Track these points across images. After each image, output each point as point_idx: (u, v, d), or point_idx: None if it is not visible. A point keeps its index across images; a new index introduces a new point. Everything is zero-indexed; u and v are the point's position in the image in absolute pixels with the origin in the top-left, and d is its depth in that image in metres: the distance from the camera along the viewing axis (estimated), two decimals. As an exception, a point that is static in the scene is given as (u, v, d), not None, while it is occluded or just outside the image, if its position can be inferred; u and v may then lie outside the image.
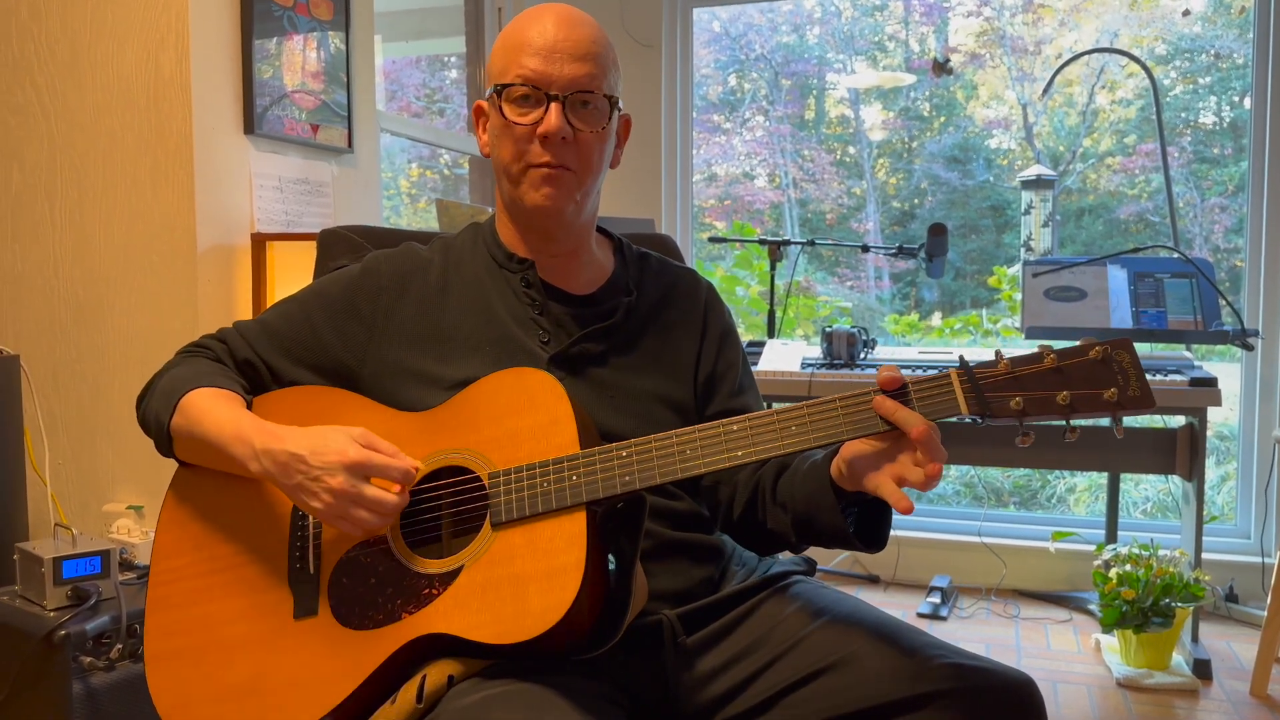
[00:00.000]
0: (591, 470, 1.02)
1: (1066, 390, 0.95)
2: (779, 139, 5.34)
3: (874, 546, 1.09)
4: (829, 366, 2.81)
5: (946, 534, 3.48)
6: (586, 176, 1.19)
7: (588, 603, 0.98)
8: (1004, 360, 0.97)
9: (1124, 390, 0.94)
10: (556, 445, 1.05)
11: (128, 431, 2.28)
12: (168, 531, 1.16)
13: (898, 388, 0.98)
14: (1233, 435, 3.71)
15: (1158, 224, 4.51)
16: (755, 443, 1.01)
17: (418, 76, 5.46)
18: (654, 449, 1.03)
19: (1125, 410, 0.94)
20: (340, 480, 1.01)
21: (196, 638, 1.10)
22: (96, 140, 2.28)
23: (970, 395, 0.97)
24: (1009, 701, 1.01)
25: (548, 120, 1.14)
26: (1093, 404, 0.94)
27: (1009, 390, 0.96)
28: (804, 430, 1.00)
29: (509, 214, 1.25)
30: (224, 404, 1.12)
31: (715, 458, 1.01)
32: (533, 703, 0.94)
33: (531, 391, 1.08)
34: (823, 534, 1.10)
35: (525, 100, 1.16)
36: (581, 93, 1.16)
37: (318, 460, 1.02)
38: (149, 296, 2.26)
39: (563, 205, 1.19)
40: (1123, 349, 0.95)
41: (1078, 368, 0.96)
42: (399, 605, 1.03)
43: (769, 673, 1.10)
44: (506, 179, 1.21)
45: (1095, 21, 4.57)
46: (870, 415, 0.98)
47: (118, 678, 1.73)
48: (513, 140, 1.17)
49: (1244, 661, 2.69)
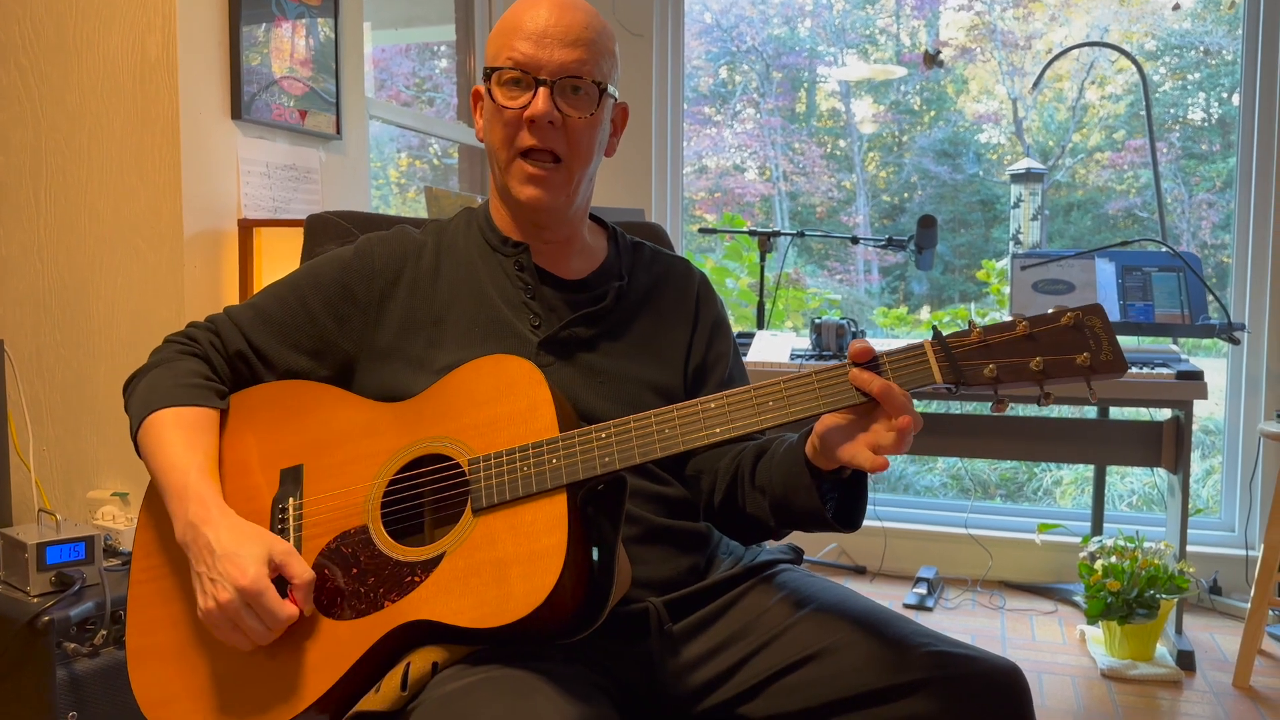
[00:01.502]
0: (571, 452, 1.02)
1: (1039, 356, 0.95)
2: (770, 131, 5.34)
3: (849, 527, 1.09)
4: (818, 358, 2.81)
5: (933, 525, 3.50)
6: (575, 164, 1.19)
7: (570, 585, 0.98)
8: (977, 329, 0.98)
9: (1096, 354, 0.94)
10: (536, 430, 1.05)
11: (112, 417, 2.27)
12: (147, 528, 1.16)
13: (869, 359, 0.99)
14: (1218, 429, 3.73)
15: (1146, 219, 4.53)
16: (733, 419, 1.01)
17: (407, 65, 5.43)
18: (633, 429, 1.03)
19: (1098, 374, 0.95)
20: (227, 596, 1.00)
21: (177, 633, 1.09)
22: (82, 124, 2.26)
23: (944, 364, 0.97)
24: (995, 689, 1.01)
25: (535, 104, 1.15)
26: (1065, 369, 0.95)
27: (982, 358, 0.97)
28: (781, 405, 1.00)
29: (501, 199, 1.25)
30: (183, 440, 1.11)
31: (693, 435, 1.01)
32: (518, 689, 0.94)
33: (510, 378, 1.08)
34: (800, 516, 1.10)
35: (516, 85, 1.16)
36: (571, 78, 1.16)
37: (220, 566, 1.01)
38: (135, 282, 2.24)
39: (552, 201, 1.19)
40: (1094, 314, 0.95)
41: (1050, 334, 0.96)
42: (381, 594, 1.03)
43: (755, 660, 1.10)
44: (497, 166, 1.21)
45: (1085, 16, 4.57)
46: (846, 388, 0.98)
47: (102, 664, 1.72)
48: (502, 124, 1.18)
49: (1227, 653, 2.71)
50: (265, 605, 1.00)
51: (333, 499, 1.10)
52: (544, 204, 1.19)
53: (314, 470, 1.12)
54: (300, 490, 1.12)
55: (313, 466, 1.13)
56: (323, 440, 1.14)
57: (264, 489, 1.13)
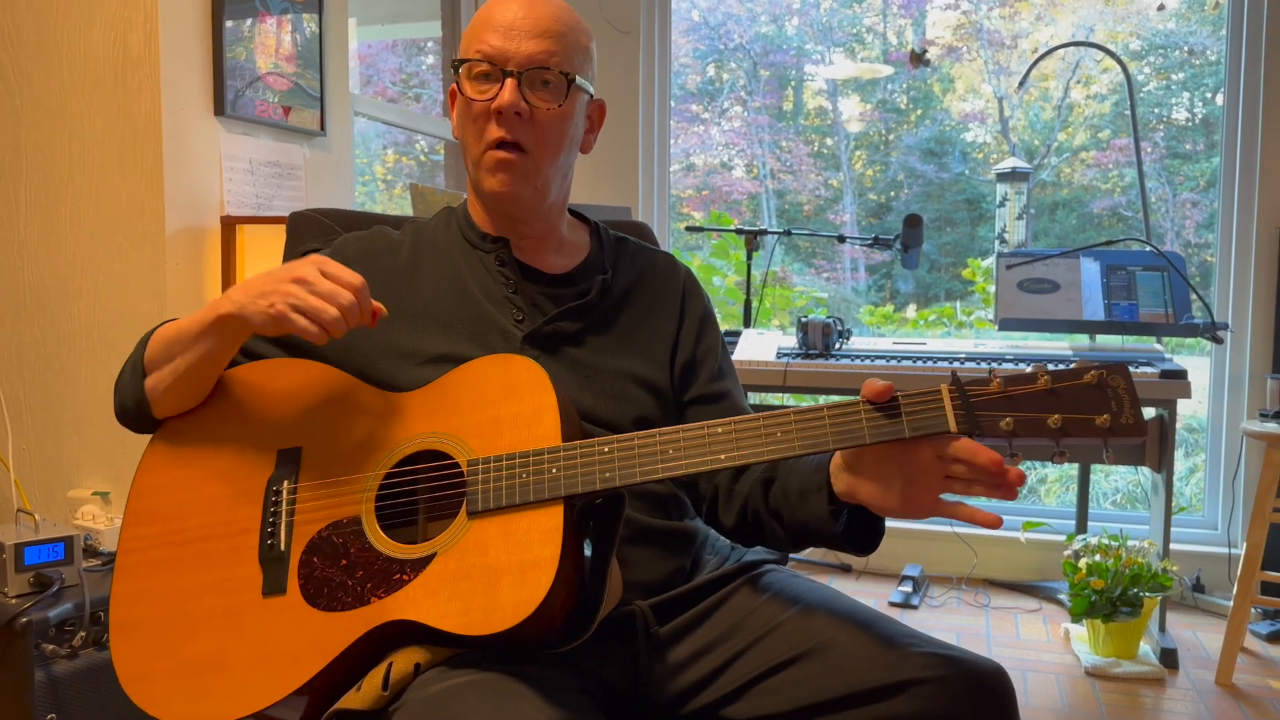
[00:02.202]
0: (572, 464, 1.01)
1: (1059, 413, 0.93)
2: (757, 130, 5.34)
3: (866, 551, 1.10)
4: (804, 356, 2.81)
5: (918, 524, 3.50)
6: (543, 158, 1.18)
7: (560, 599, 0.97)
8: (997, 378, 0.95)
9: (1117, 417, 0.92)
10: (538, 436, 1.04)
11: (94, 416, 2.25)
12: (140, 499, 1.14)
13: (887, 399, 0.97)
14: (1201, 427, 3.76)
15: (1130, 218, 4.56)
16: (740, 447, 0.99)
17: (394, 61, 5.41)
18: (636, 447, 1.01)
19: (1116, 437, 0.93)
20: (300, 271, 1.04)
21: (161, 608, 1.08)
22: (63, 120, 2.24)
23: (960, 413, 0.95)
24: (980, 690, 1.01)
25: (501, 94, 1.14)
26: (1084, 429, 0.93)
27: (1000, 410, 0.94)
28: (789, 437, 0.98)
29: (476, 194, 1.25)
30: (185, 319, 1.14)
31: (698, 459, 1.00)
32: (501, 692, 0.93)
33: (517, 379, 1.07)
34: (817, 544, 1.12)
35: (485, 78, 1.16)
36: (539, 69, 1.15)
37: (278, 272, 1.06)
38: (116, 279, 2.22)
39: (519, 191, 1.18)
40: (1118, 374, 0.94)
41: (1071, 390, 0.94)
42: (369, 589, 1.02)
43: (741, 661, 1.10)
44: (470, 161, 1.21)
45: (1071, 16, 4.59)
46: (857, 427, 0.97)
47: (81, 665, 1.70)
48: (472, 119, 1.17)
49: (1210, 651, 2.72)
50: (333, 269, 1.04)
51: (328, 486, 1.09)
52: (511, 193, 1.18)
53: (312, 454, 1.11)
54: (296, 474, 1.10)
55: (311, 450, 1.11)
56: (324, 425, 1.12)
57: (260, 468, 1.11)
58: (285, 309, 1.03)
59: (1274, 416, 2.53)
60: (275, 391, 1.14)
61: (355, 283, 1.04)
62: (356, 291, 1.04)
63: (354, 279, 1.05)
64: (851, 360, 2.77)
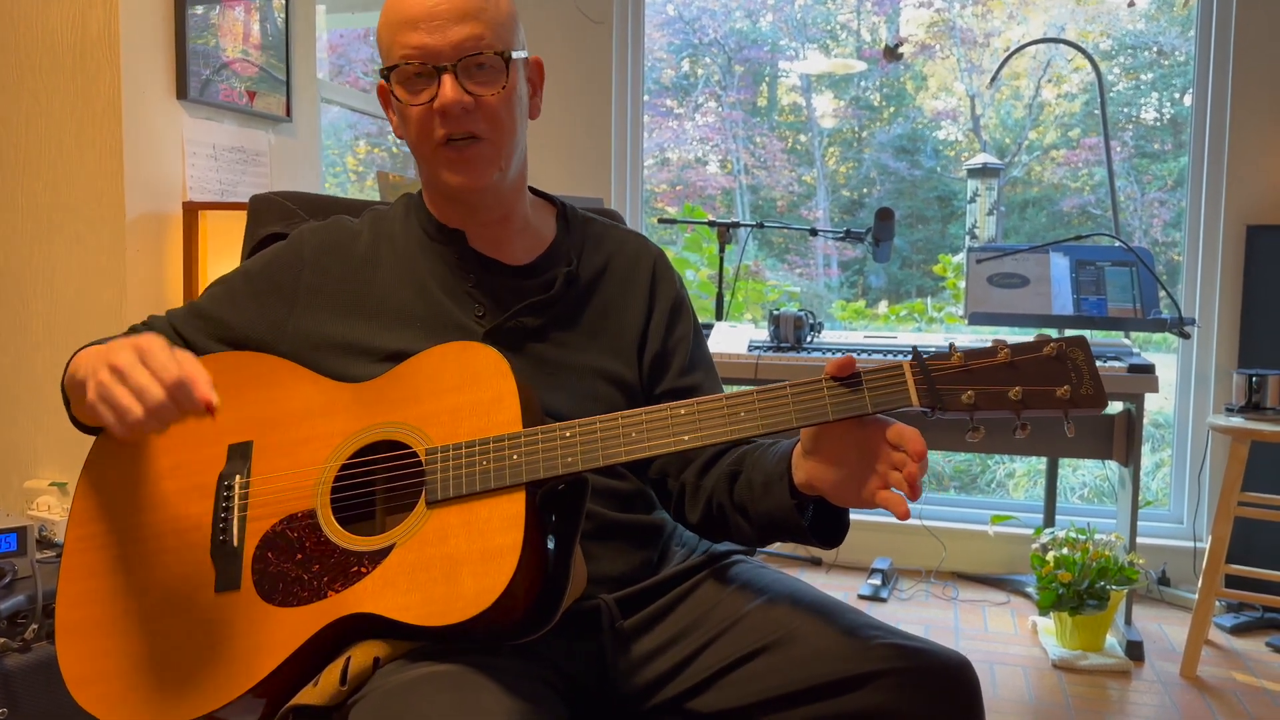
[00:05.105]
0: (533, 450, 0.99)
1: (1019, 385, 0.93)
2: (731, 125, 5.33)
3: (832, 544, 1.09)
4: (776, 350, 2.81)
5: (887, 517, 3.51)
6: (501, 141, 1.14)
7: (523, 587, 0.95)
8: (957, 353, 0.95)
9: (1077, 388, 0.93)
10: (498, 423, 1.01)
11: (51, 405, 2.20)
12: (86, 497, 1.11)
13: (849, 373, 0.96)
14: (1168, 423, 3.79)
15: (1099, 216, 4.59)
16: (702, 427, 0.98)
17: (365, 51, 5.35)
18: (598, 430, 1.00)
19: (1077, 408, 0.93)
20: (122, 357, 0.94)
21: (111, 608, 1.05)
22: (19, 101, 2.18)
23: (922, 387, 0.95)
24: (945, 681, 1.01)
25: (442, 93, 1.09)
26: (1045, 400, 0.93)
27: (961, 383, 0.95)
28: (753, 417, 0.97)
29: (431, 187, 1.21)
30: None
31: (660, 441, 0.99)
32: (462, 684, 0.91)
33: (476, 367, 1.05)
34: (783, 538, 1.11)
35: (418, 79, 1.10)
36: (471, 56, 1.10)
37: (109, 349, 0.97)
38: (75, 265, 2.17)
39: (484, 182, 1.14)
40: (1077, 346, 0.94)
41: (1031, 363, 0.94)
42: (325, 582, 0.99)
43: (707, 653, 1.09)
44: (421, 159, 1.16)
45: (1043, 15, 4.62)
46: (820, 403, 0.96)
47: (33, 659, 1.66)
48: (415, 122, 1.12)
49: (1175, 643, 2.75)
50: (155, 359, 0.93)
51: (281, 479, 1.06)
52: (478, 185, 1.14)
53: (264, 448, 1.08)
54: (248, 468, 1.08)
55: (263, 444, 1.09)
56: (276, 417, 1.10)
57: (210, 463, 1.08)
58: (95, 398, 0.96)
59: (1239, 411, 2.55)
60: (225, 385, 1.11)
61: (171, 378, 0.92)
62: (173, 389, 0.92)
63: (174, 373, 0.92)
64: (823, 353, 2.77)
